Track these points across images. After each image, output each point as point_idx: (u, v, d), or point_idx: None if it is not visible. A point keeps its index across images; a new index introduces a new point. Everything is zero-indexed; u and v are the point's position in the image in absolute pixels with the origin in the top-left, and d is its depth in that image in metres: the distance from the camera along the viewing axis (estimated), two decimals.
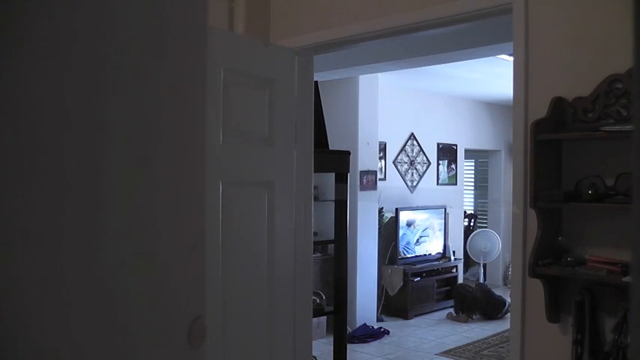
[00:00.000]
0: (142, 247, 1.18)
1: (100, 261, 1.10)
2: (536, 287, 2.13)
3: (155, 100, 1.21)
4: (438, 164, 7.74)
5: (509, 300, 5.80)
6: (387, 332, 5.94)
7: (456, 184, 7.99)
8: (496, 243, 7.63)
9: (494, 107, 8.31)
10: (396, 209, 6.72)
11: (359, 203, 6.11)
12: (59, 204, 1.03)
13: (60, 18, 1.04)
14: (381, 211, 6.64)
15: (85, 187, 1.08)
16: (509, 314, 3.73)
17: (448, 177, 7.89)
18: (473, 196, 9.17)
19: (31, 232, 1.00)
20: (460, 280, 7.31)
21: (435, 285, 6.92)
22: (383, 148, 6.91)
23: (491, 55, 4.72)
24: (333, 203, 5.63)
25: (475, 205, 9.16)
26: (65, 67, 1.04)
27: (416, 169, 7.45)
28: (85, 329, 1.07)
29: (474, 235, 7.71)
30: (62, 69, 1.04)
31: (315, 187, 3.98)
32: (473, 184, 9.20)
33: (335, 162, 5.50)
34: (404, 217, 6.78)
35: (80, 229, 1.07)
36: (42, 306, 1.01)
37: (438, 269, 7.02)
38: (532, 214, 2.12)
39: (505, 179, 8.25)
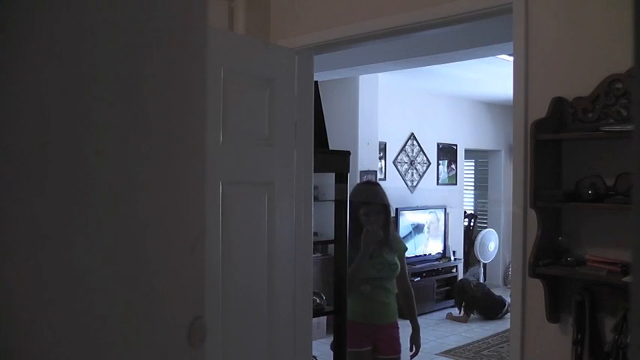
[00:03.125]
0: (141, 247, 1.18)
1: (99, 261, 1.10)
2: (536, 287, 2.13)
3: (155, 100, 1.21)
4: (438, 164, 7.75)
5: (509, 300, 5.80)
6: None
7: (456, 184, 7.99)
8: (499, 243, 7.65)
9: (494, 107, 8.31)
10: (396, 209, 6.72)
11: None
12: (58, 204, 1.03)
13: (58, 17, 1.04)
14: None
15: (85, 188, 1.08)
16: (509, 314, 3.73)
17: (448, 177, 7.89)
18: (473, 196, 9.17)
19: (30, 231, 1.00)
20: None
21: (435, 285, 6.92)
22: (383, 148, 6.91)
23: (491, 55, 4.73)
24: (333, 203, 5.63)
25: (475, 205, 9.16)
26: (64, 67, 1.04)
27: (416, 169, 7.45)
28: (84, 329, 1.07)
29: (483, 234, 7.71)
30: (61, 69, 1.04)
31: (315, 187, 3.98)
32: (473, 184, 9.20)
33: (335, 162, 5.49)
34: (404, 217, 6.78)
35: (79, 229, 1.07)
36: (40, 305, 1.01)
37: (438, 269, 7.02)
38: (532, 214, 2.12)
39: (505, 179, 8.26)
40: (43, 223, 1.02)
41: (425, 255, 7.02)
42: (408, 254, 6.99)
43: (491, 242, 7.60)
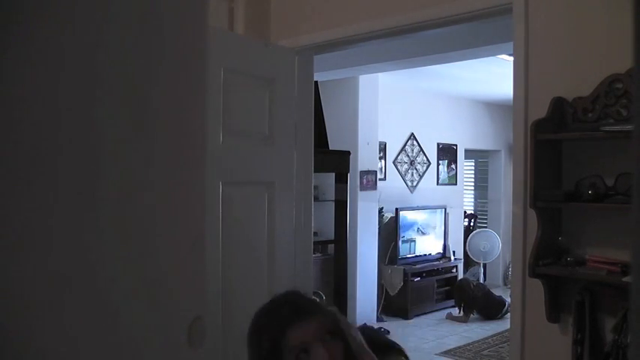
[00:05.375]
0: (141, 247, 1.18)
1: (99, 261, 1.10)
2: (536, 287, 2.13)
3: (155, 100, 1.21)
4: (438, 164, 7.74)
5: (509, 300, 5.80)
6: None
7: (456, 184, 7.99)
8: (496, 243, 7.63)
9: (494, 107, 8.31)
10: (396, 209, 6.72)
11: (359, 203, 6.11)
12: (57, 203, 1.03)
13: (58, 17, 1.04)
14: (381, 211, 6.64)
15: (84, 187, 1.08)
16: (509, 314, 3.73)
17: (448, 177, 7.89)
18: (473, 196, 9.17)
19: (28, 231, 1.00)
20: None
21: (435, 285, 6.91)
22: (383, 148, 6.91)
23: (491, 55, 4.72)
24: (333, 203, 5.64)
25: (475, 205, 9.16)
26: (64, 67, 1.04)
27: (416, 169, 7.45)
28: (83, 330, 1.07)
29: (473, 235, 7.72)
30: (61, 68, 1.04)
31: (315, 187, 3.98)
32: (473, 184, 9.20)
33: (335, 162, 5.51)
34: (404, 217, 6.78)
35: (79, 229, 1.07)
36: (39, 306, 1.01)
37: (438, 269, 7.02)
38: (532, 214, 2.12)
39: (505, 179, 8.25)
40: (48, 223, 1.02)
41: (425, 255, 7.02)
42: (408, 254, 7.05)
43: (484, 243, 7.59)
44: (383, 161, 6.94)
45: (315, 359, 1.27)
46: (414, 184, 7.44)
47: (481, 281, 7.34)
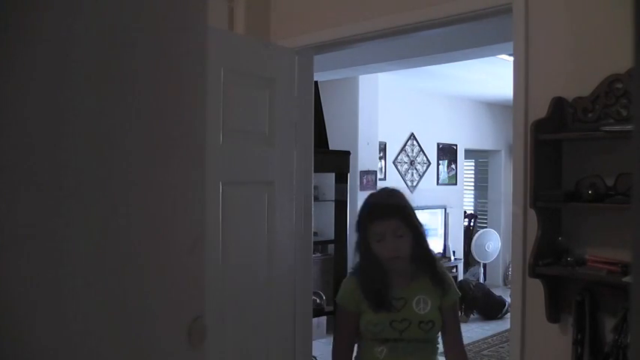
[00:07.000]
0: (141, 247, 1.18)
1: (99, 261, 1.10)
2: (536, 287, 2.13)
3: (155, 100, 1.21)
4: (438, 164, 7.74)
5: (509, 300, 5.80)
6: None
7: (456, 184, 7.99)
8: (498, 243, 7.63)
9: (494, 107, 8.31)
10: None
11: (359, 203, 6.10)
12: (58, 205, 1.03)
13: (59, 17, 1.04)
14: None
15: (85, 188, 1.08)
16: (509, 314, 3.73)
17: (448, 177, 7.89)
18: (473, 196, 9.17)
19: (30, 233, 0.99)
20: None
21: None
22: (383, 148, 6.91)
23: (491, 55, 4.72)
24: (333, 203, 5.64)
25: (475, 205, 9.16)
26: (65, 68, 1.04)
27: (416, 169, 7.45)
28: (84, 330, 1.07)
29: (479, 235, 7.71)
30: (61, 69, 1.04)
31: (315, 187, 3.98)
32: (473, 184, 9.20)
33: (335, 162, 5.51)
34: None
35: (79, 230, 1.07)
36: (41, 306, 1.01)
37: None
38: (532, 214, 2.12)
39: (505, 179, 8.25)
40: (47, 224, 1.02)
41: None
42: None
43: (489, 242, 7.59)
44: (383, 161, 6.94)
45: (384, 246, 1.90)
46: (414, 184, 7.44)
47: (481, 281, 7.34)
